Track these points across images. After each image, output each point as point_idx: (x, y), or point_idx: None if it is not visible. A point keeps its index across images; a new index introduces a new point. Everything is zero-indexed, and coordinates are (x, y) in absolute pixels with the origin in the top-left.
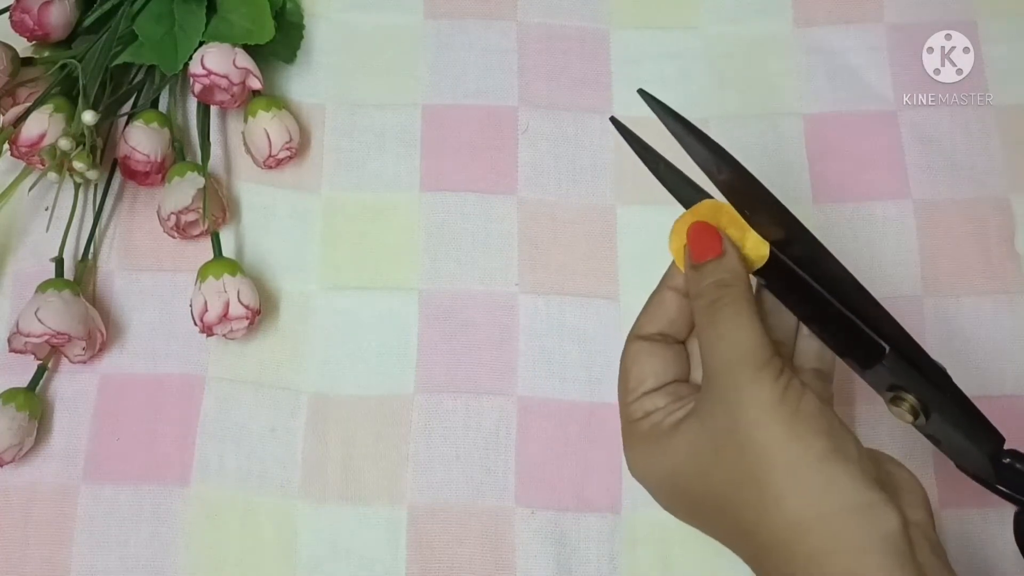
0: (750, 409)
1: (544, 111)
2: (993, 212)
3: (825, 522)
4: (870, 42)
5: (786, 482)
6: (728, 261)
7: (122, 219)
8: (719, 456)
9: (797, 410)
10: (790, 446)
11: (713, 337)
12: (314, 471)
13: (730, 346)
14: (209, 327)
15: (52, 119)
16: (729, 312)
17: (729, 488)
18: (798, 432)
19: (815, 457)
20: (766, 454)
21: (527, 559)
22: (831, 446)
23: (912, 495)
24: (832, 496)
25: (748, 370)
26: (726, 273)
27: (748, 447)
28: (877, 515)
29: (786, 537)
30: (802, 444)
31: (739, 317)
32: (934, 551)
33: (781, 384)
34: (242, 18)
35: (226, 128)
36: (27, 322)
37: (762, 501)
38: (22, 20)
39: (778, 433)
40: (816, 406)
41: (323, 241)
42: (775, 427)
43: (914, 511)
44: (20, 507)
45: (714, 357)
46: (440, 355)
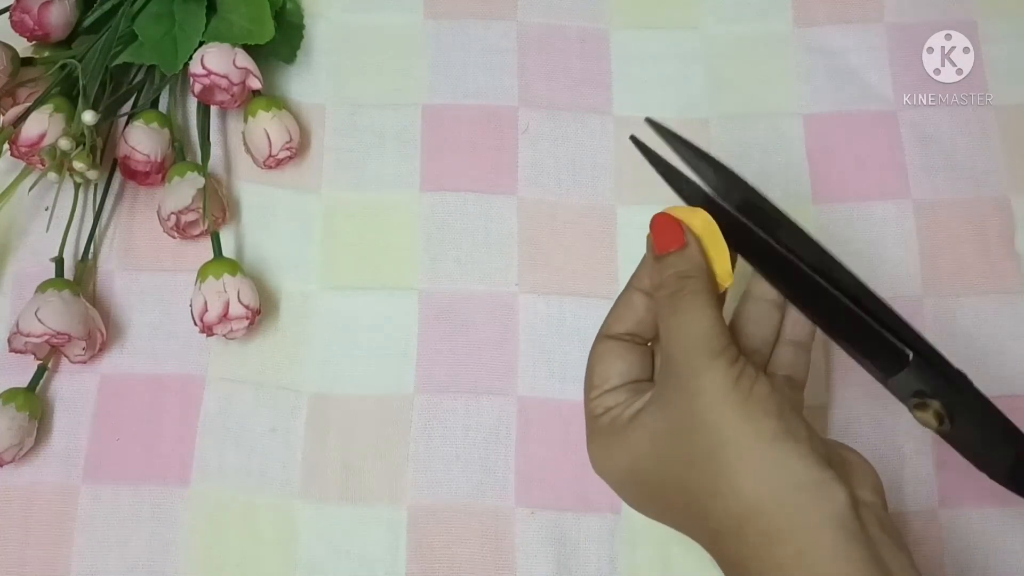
0: (705, 394)
1: (544, 111)
2: (993, 212)
3: (776, 501)
4: (870, 42)
5: (738, 463)
6: (689, 252)
7: (122, 219)
8: (675, 440)
9: (750, 394)
10: (742, 427)
11: (672, 325)
12: (314, 471)
13: (688, 334)
14: (209, 327)
15: (52, 119)
16: (688, 302)
17: (685, 471)
18: (750, 414)
19: (766, 438)
20: (719, 436)
21: (527, 559)
22: (782, 427)
23: (863, 476)
24: (782, 475)
25: (704, 357)
26: (687, 264)
27: (702, 430)
28: (826, 492)
29: (739, 518)
30: (753, 425)
31: (698, 307)
32: (884, 529)
33: (735, 370)
34: (242, 18)
35: (226, 128)
36: (27, 322)
37: (715, 483)
38: (22, 20)
39: (731, 415)
40: (768, 390)
41: (323, 241)
42: (728, 410)
43: (864, 491)
44: (20, 507)
45: (672, 345)
46: (440, 355)
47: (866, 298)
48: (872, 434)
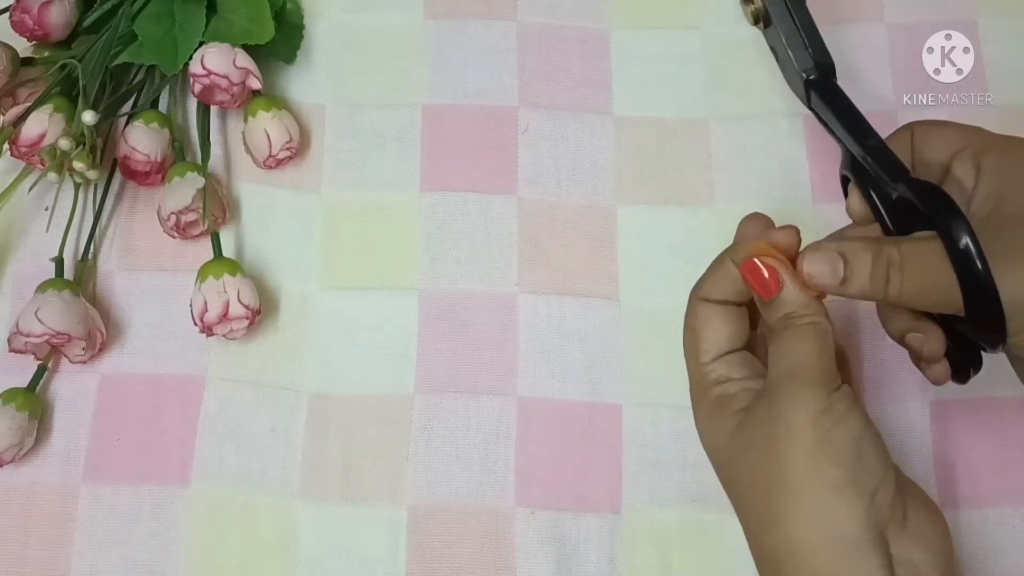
0: (783, 422)
1: (544, 111)
2: None
3: (812, 552)
4: (870, 42)
5: (789, 503)
6: (788, 294)
7: (122, 219)
8: (750, 454)
9: (829, 434)
10: (806, 469)
11: (776, 351)
12: (314, 471)
13: (789, 359)
14: (209, 327)
15: (52, 119)
16: (795, 332)
17: (749, 491)
18: (819, 456)
19: (826, 485)
20: (782, 472)
21: (527, 559)
22: (846, 478)
23: (926, 537)
24: (825, 527)
25: (796, 383)
26: (791, 307)
27: (771, 460)
28: (862, 554)
29: (779, 555)
30: (818, 469)
31: (804, 337)
32: None
33: (823, 403)
34: (242, 18)
35: (226, 128)
36: (27, 322)
37: (768, 513)
38: (22, 20)
39: (799, 453)
40: (849, 434)
41: (323, 241)
42: (799, 446)
43: (918, 552)
44: (20, 507)
45: (774, 365)
46: (440, 355)
47: None
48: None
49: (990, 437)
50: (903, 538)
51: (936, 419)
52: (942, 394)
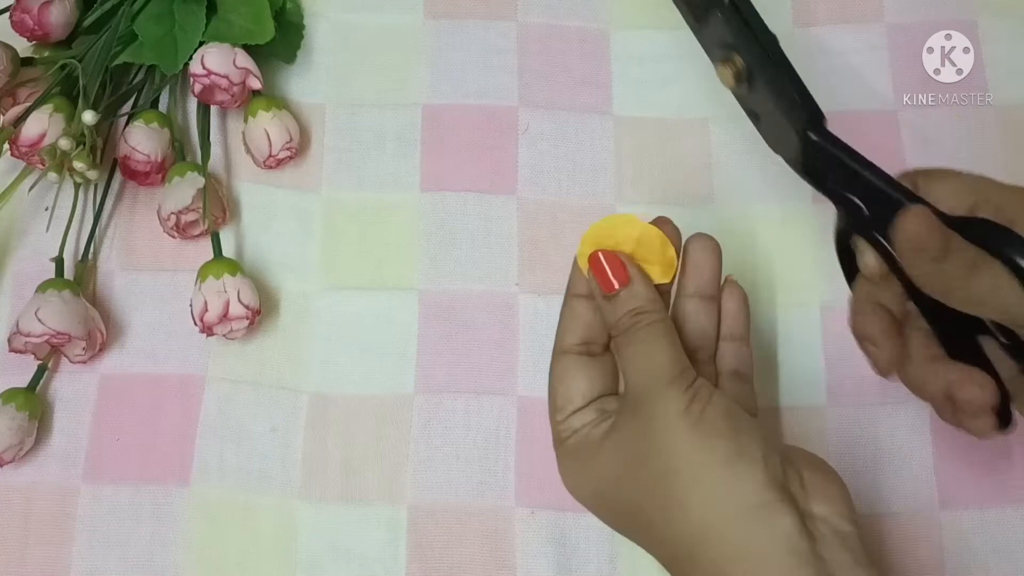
0: (657, 420)
1: (544, 111)
2: None
3: (725, 527)
4: (870, 42)
5: (688, 487)
6: (637, 288)
7: (122, 219)
8: (633, 466)
9: (701, 417)
10: (692, 452)
11: (628, 356)
12: (314, 471)
13: (643, 364)
14: (209, 327)
15: (52, 119)
16: (641, 336)
17: (642, 496)
18: (701, 437)
19: (716, 461)
20: (671, 461)
21: (527, 559)
22: (733, 448)
23: (824, 491)
24: (731, 499)
25: (658, 385)
26: (637, 301)
27: (656, 456)
28: (773, 516)
29: (691, 544)
30: (704, 449)
31: (654, 339)
32: (844, 545)
33: (688, 395)
34: (242, 18)
35: (226, 128)
36: (27, 322)
37: (669, 507)
38: (22, 20)
39: (681, 440)
40: (720, 411)
41: (323, 241)
42: (679, 434)
43: (824, 507)
44: (20, 507)
45: (629, 374)
46: (440, 355)
47: None
48: (871, 435)
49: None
50: (805, 496)
51: (936, 419)
52: None
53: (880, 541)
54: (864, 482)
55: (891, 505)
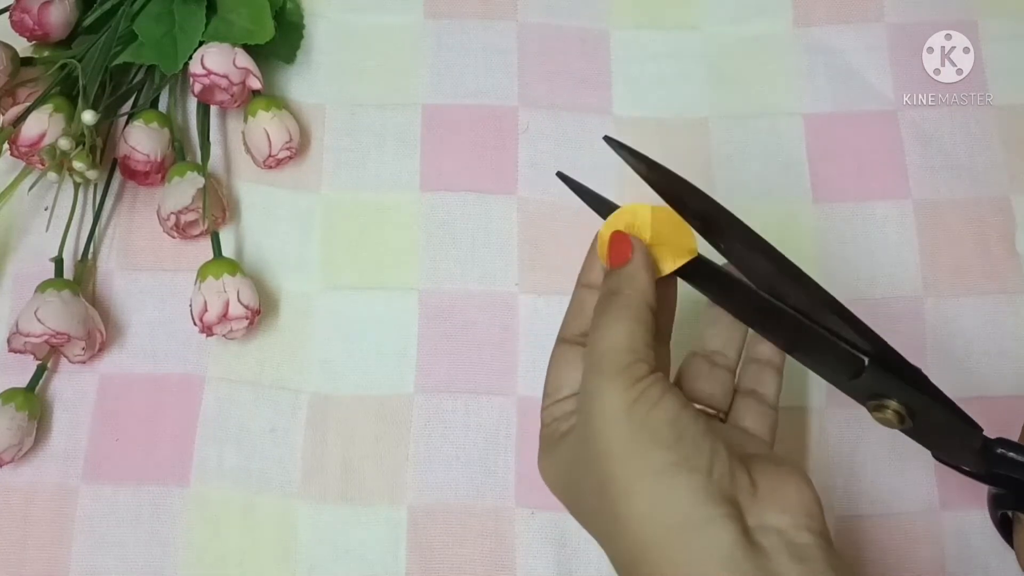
0: (597, 418)
1: (544, 111)
2: (993, 212)
3: (662, 542)
4: (870, 42)
5: (626, 499)
6: (629, 268)
7: (122, 219)
8: (581, 468)
9: (644, 421)
10: (629, 460)
11: (589, 340)
12: (314, 471)
13: (596, 348)
14: (209, 327)
15: (52, 119)
16: (608, 316)
17: (590, 498)
18: (640, 443)
19: (654, 471)
20: (609, 468)
21: (527, 560)
22: (673, 459)
23: (781, 499)
24: (668, 513)
25: (605, 374)
26: (620, 280)
27: (596, 460)
28: (713, 530)
29: (632, 558)
30: (642, 457)
31: (615, 321)
32: (798, 557)
33: (633, 392)
34: (242, 18)
35: (226, 128)
36: (27, 322)
37: (610, 514)
38: (22, 20)
39: (620, 446)
40: (667, 416)
41: (323, 241)
42: (618, 439)
43: (777, 516)
44: (19, 507)
45: (585, 360)
46: (440, 355)
47: (819, 304)
48: (870, 436)
49: (991, 436)
50: (756, 506)
51: None
52: None
53: (881, 542)
54: (864, 483)
55: (892, 506)
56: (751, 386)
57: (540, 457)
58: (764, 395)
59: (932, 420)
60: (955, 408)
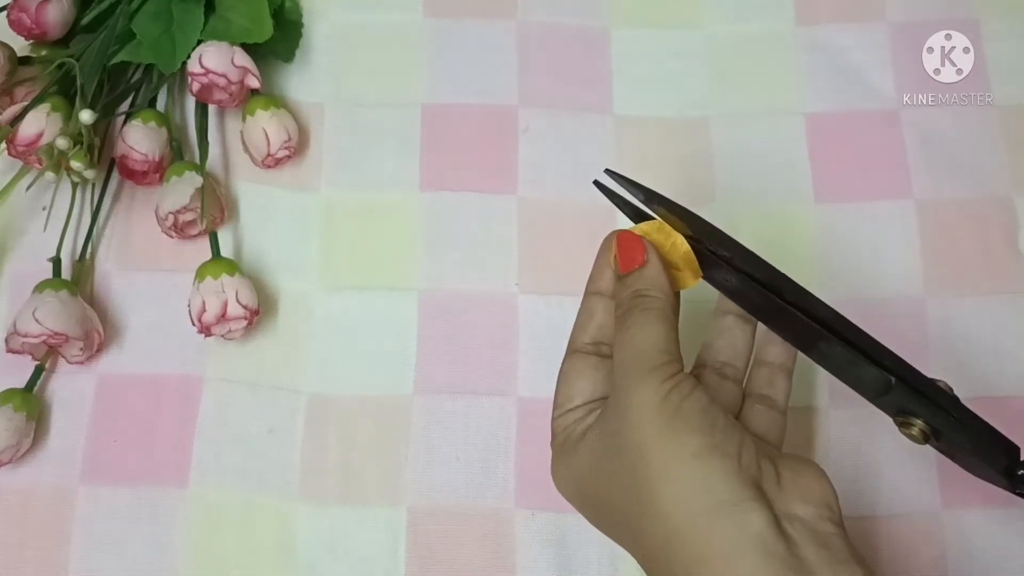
0: (633, 410)
1: (544, 110)
2: (995, 212)
3: (696, 524)
4: (872, 41)
5: (661, 483)
6: (648, 272)
7: (120, 219)
8: (609, 460)
9: (678, 409)
10: (665, 445)
11: (619, 341)
12: (313, 472)
13: (630, 349)
14: (207, 327)
15: (49, 118)
16: (637, 318)
17: (618, 492)
18: (675, 430)
19: (689, 454)
20: (644, 455)
21: (527, 561)
22: (707, 443)
23: (804, 491)
24: (703, 495)
25: (639, 372)
26: (644, 283)
27: (630, 449)
28: (745, 513)
29: (664, 542)
30: (677, 442)
31: (647, 322)
32: (824, 544)
33: (667, 386)
34: (240, 17)
35: (224, 127)
36: (24, 322)
37: (642, 504)
38: (20, 19)
39: (655, 432)
40: (700, 406)
41: (322, 241)
42: (653, 427)
43: (801, 506)
44: (17, 509)
45: (616, 359)
46: (440, 355)
47: (844, 327)
48: (873, 435)
49: None
50: (781, 495)
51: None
52: None
53: (883, 542)
54: (867, 483)
55: (894, 506)
56: (761, 391)
57: (555, 465)
58: (774, 400)
59: (959, 437)
60: (987, 429)
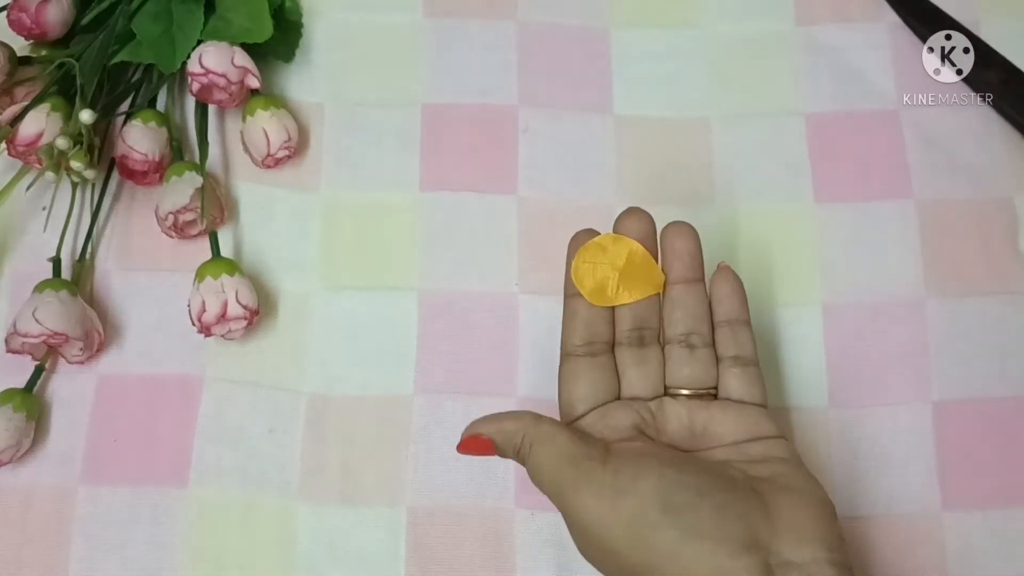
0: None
1: (544, 110)
2: (996, 212)
3: None
4: (872, 40)
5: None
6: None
7: (120, 219)
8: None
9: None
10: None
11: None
12: (313, 472)
13: None
14: (207, 327)
15: (49, 118)
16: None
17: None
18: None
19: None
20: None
21: (527, 561)
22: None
23: (799, 529)
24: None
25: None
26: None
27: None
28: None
29: None
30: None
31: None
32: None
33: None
34: (240, 17)
35: (224, 127)
36: (24, 322)
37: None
38: (19, 19)
39: None
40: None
41: (322, 241)
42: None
43: (794, 550)
44: (17, 509)
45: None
46: (440, 355)
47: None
48: (872, 436)
49: (993, 437)
50: (775, 537)
51: (938, 419)
52: (944, 395)
53: (883, 542)
54: (866, 484)
55: (893, 507)
56: (730, 352)
57: (583, 476)
58: (744, 356)
59: None
60: None
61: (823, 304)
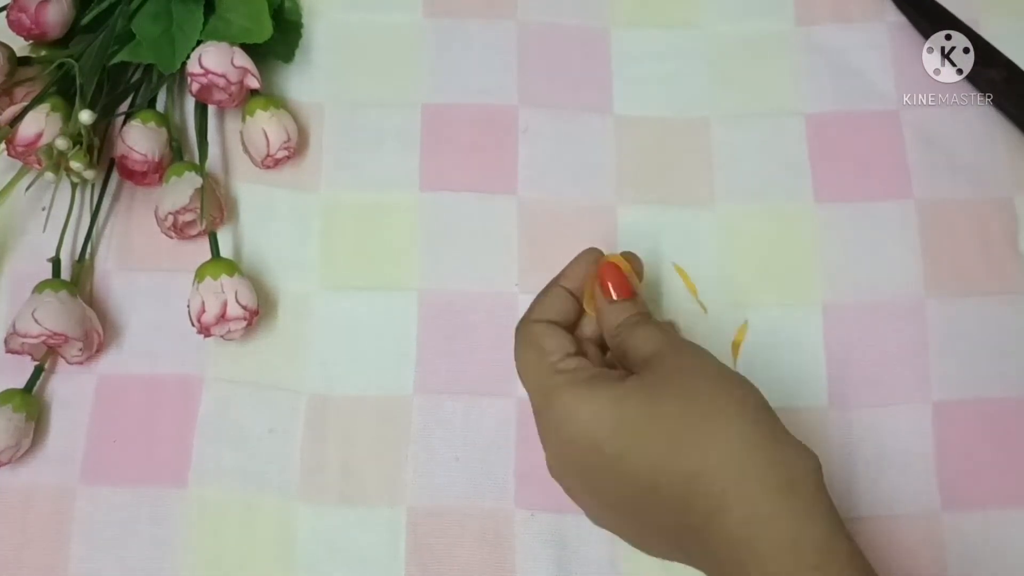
0: (689, 368)
1: (544, 110)
2: (996, 212)
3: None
4: (872, 41)
5: (718, 429)
6: (640, 300)
7: (119, 219)
8: (659, 421)
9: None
10: (719, 393)
11: (641, 338)
12: (313, 472)
13: (652, 344)
14: (207, 328)
15: (49, 118)
16: (649, 330)
17: (670, 443)
18: (724, 382)
19: (737, 401)
20: (708, 404)
21: (527, 561)
22: (752, 397)
23: None
24: (757, 434)
25: (673, 345)
26: (643, 307)
27: (693, 400)
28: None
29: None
30: (729, 392)
31: (658, 332)
32: None
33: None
34: (240, 17)
35: (224, 127)
36: (24, 323)
37: (699, 444)
38: (19, 19)
39: (711, 385)
40: (731, 369)
41: (322, 241)
42: (709, 380)
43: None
44: (17, 509)
45: (645, 347)
46: (440, 356)
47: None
48: (872, 436)
49: (993, 437)
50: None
51: (938, 419)
52: (944, 395)
53: (883, 542)
54: (865, 484)
55: (893, 507)
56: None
57: (573, 394)
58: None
59: None
60: None
61: (823, 304)
